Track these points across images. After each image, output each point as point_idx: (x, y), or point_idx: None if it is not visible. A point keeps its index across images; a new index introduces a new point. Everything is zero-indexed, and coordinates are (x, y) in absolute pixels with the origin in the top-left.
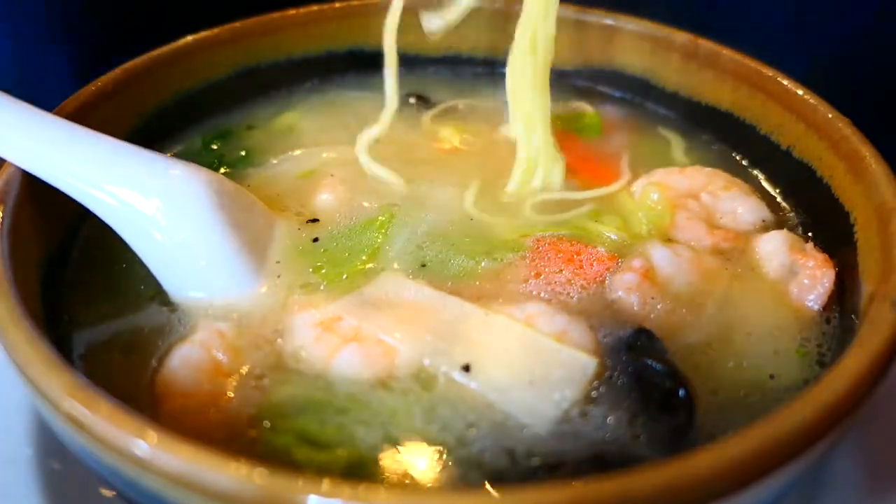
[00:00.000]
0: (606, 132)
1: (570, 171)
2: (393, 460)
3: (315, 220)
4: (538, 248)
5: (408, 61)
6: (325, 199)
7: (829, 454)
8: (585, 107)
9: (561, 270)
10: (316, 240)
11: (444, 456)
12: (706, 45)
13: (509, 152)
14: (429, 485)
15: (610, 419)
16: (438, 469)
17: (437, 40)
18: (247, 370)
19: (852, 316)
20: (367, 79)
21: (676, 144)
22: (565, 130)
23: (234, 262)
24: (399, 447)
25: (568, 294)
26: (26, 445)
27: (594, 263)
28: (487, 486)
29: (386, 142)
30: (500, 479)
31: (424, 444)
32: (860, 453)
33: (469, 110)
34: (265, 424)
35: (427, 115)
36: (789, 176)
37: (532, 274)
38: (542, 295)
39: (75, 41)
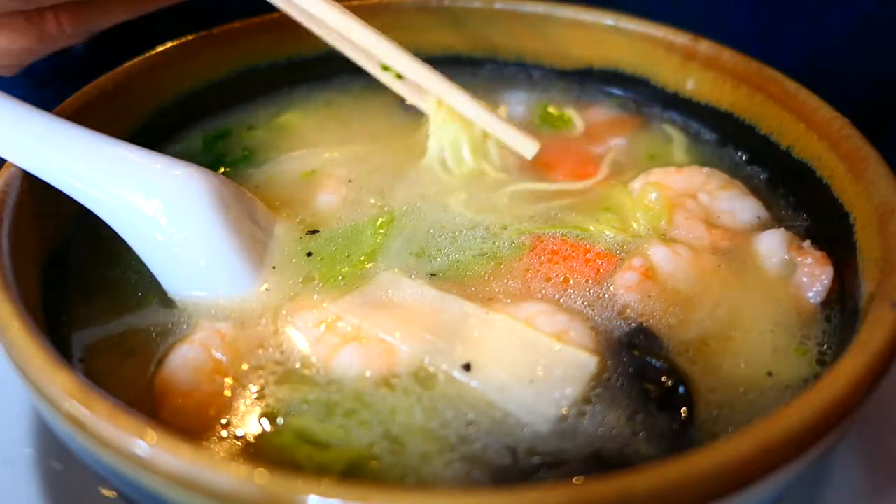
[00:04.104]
0: (605, 132)
1: (567, 170)
2: (393, 459)
3: (316, 232)
4: (538, 247)
5: None
6: (326, 199)
7: (829, 454)
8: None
9: (561, 270)
10: (316, 236)
11: (445, 455)
12: (706, 45)
13: (505, 150)
14: (429, 484)
15: (610, 417)
16: (439, 468)
17: (437, 40)
18: (247, 370)
19: (852, 315)
20: (368, 79)
21: (676, 144)
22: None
23: (234, 262)
24: (399, 446)
25: (568, 293)
26: (26, 445)
27: (594, 263)
28: (488, 485)
29: (384, 142)
30: (501, 477)
31: (425, 443)
32: (860, 453)
33: None
34: (265, 424)
35: (426, 116)
36: (789, 176)
37: (532, 273)
38: (542, 294)
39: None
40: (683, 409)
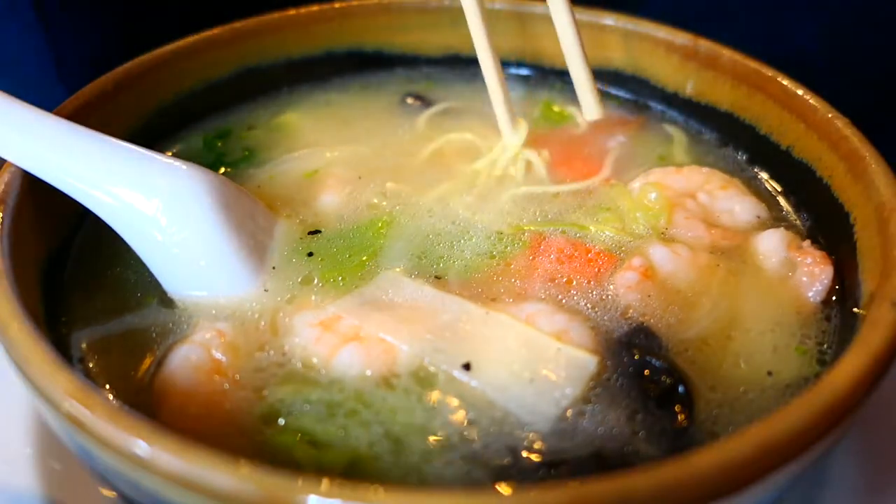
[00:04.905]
0: (605, 131)
1: (568, 169)
2: (393, 459)
3: (317, 232)
4: (538, 247)
5: (408, 61)
6: (327, 199)
7: (829, 454)
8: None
9: (561, 270)
10: (316, 236)
11: (445, 454)
12: (706, 45)
13: (506, 151)
14: (429, 484)
15: (610, 416)
16: (439, 468)
17: (437, 40)
18: (247, 370)
19: (852, 315)
20: (367, 79)
21: (676, 144)
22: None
23: (234, 262)
24: (400, 446)
25: (568, 293)
26: (26, 445)
27: (594, 262)
28: (488, 485)
29: (385, 142)
30: (501, 477)
31: (425, 443)
32: (860, 453)
33: (468, 110)
34: (265, 424)
35: (425, 116)
36: (789, 176)
37: (532, 273)
38: (542, 294)
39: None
40: (683, 409)
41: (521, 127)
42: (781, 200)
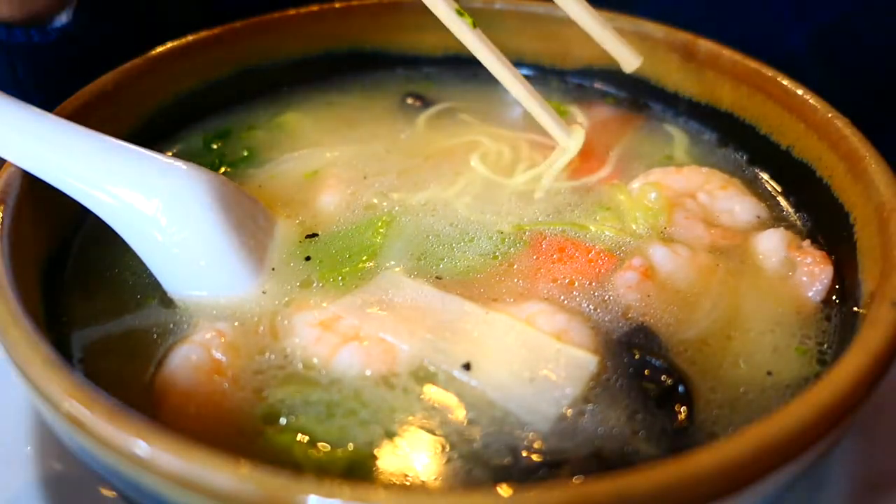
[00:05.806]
0: (606, 131)
1: (567, 170)
2: (393, 459)
3: (315, 235)
4: (538, 246)
5: (408, 61)
6: (327, 200)
7: (829, 454)
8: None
9: (563, 270)
10: (316, 238)
11: (445, 454)
12: (706, 45)
13: (506, 152)
14: (429, 484)
15: (610, 416)
16: (439, 468)
17: (437, 40)
18: (247, 370)
19: (852, 315)
20: (367, 79)
21: (676, 144)
22: None
23: (234, 262)
24: (399, 446)
25: (568, 293)
26: (26, 445)
27: (594, 262)
28: (488, 485)
29: (385, 142)
30: (501, 477)
31: (425, 443)
32: (860, 453)
33: (468, 110)
34: (265, 424)
35: (425, 115)
36: (789, 176)
37: (532, 273)
38: (542, 293)
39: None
40: (683, 409)
41: (577, 133)
42: (781, 200)
